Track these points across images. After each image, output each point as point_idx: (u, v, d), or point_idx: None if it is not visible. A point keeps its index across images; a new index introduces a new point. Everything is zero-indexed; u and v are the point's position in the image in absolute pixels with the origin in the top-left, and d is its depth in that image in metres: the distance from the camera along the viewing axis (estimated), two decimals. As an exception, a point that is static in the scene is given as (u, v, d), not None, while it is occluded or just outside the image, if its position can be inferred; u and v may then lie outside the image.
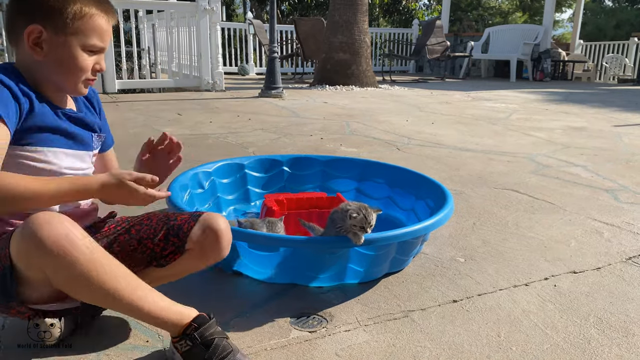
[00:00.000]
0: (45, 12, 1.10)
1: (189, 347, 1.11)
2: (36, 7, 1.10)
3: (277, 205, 1.93)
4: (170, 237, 1.24)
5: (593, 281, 1.68)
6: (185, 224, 1.25)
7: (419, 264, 1.77)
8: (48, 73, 1.14)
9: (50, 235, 0.97)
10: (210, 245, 1.24)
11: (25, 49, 1.12)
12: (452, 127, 4.57)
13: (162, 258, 1.25)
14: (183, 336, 1.12)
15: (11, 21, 1.13)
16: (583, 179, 2.93)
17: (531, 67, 11.14)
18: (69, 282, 1.03)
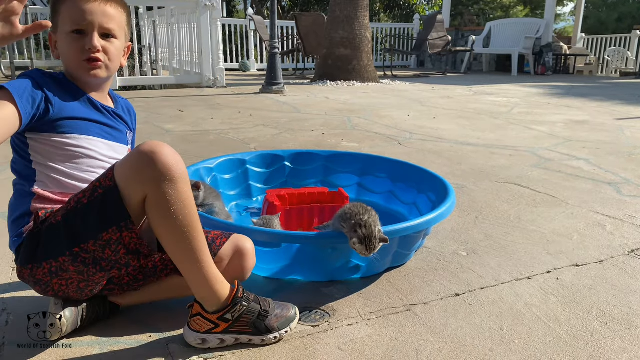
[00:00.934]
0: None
1: (245, 307, 1.22)
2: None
3: (278, 200, 1.93)
4: None
5: (596, 274, 1.67)
6: (217, 239, 1.34)
7: (421, 258, 1.77)
8: (66, 67, 1.29)
9: (174, 156, 1.10)
10: (236, 265, 1.34)
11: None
12: (453, 121, 4.56)
13: None
14: (237, 300, 1.21)
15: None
16: (585, 172, 2.93)
17: (533, 61, 11.11)
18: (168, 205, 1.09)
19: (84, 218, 1.11)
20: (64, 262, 1.15)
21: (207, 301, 1.20)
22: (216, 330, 1.21)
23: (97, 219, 1.10)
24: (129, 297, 1.37)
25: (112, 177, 1.10)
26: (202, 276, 1.17)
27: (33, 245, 1.17)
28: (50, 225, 1.15)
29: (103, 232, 1.10)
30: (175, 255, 1.16)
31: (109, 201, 1.09)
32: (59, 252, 1.14)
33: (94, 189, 1.12)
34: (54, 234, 1.14)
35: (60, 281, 1.19)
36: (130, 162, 1.10)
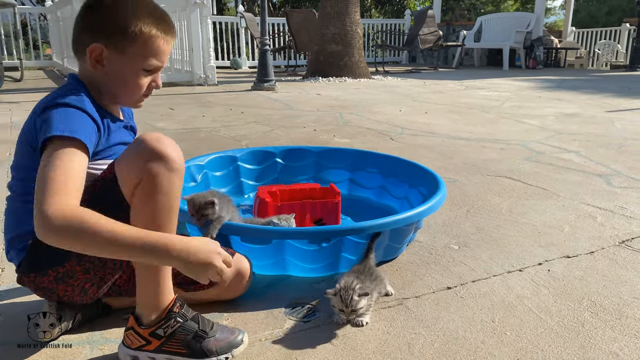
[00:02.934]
0: (109, 32, 1.13)
1: (179, 323, 1.13)
2: (100, 26, 1.13)
3: (270, 197, 1.92)
4: None
5: (586, 265, 1.68)
6: None
7: (412, 252, 1.77)
8: (108, 87, 1.18)
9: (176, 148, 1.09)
10: (236, 285, 1.37)
11: (86, 66, 1.16)
12: (445, 116, 4.57)
13: (192, 285, 1.32)
14: (171, 315, 1.13)
15: (77, 35, 1.17)
16: (576, 164, 2.94)
17: (524, 55, 11.14)
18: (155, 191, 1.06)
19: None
20: (71, 266, 1.13)
21: (146, 310, 1.12)
22: (147, 348, 1.12)
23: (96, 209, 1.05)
24: (121, 299, 1.36)
25: (111, 168, 1.10)
26: (155, 281, 1.12)
27: (35, 253, 1.13)
28: None
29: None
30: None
31: (107, 189, 1.08)
32: (65, 256, 1.11)
33: (94, 184, 1.10)
34: None
35: (66, 287, 1.17)
36: (131, 149, 1.09)
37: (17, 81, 7.31)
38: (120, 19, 1.13)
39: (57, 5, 7.77)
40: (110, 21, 1.13)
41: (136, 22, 1.13)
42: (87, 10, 1.16)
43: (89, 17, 1.15)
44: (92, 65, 1.14)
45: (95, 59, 1.14)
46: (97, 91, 1.18)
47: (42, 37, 11.27)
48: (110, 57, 1.14)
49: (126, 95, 1.21)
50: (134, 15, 1.13)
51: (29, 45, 10.40)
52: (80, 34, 1.16)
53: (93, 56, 1.13)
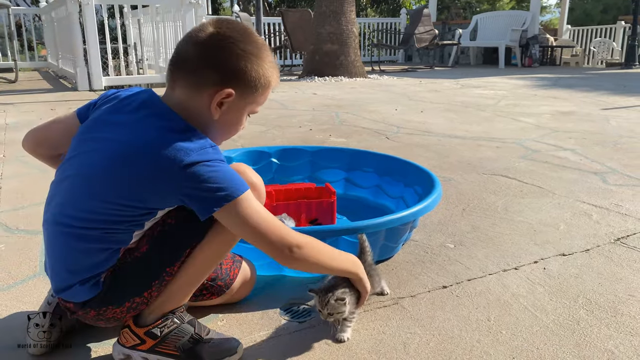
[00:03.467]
0: (245, 82, 1.07)
1: (176, 325, 1.13)
2: (233, 71, 1.05)
3: (265, 197, 1.92)
4: (218, 281, 1.33)
5: (582, 263, 1.68)
6: (231, 270, 1.36)
7: (408, 251, 1.77)
8: (210, 128, 1.09)
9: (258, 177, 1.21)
10: (241, 291, 1.40)
11: (201, 102, 1.06)
12: (441, 114, 4.57)
13: (200, 295, 1.32)
14: (168, 315, 1.13)
15: (200, 67, 1.05)
16: (572, 162, 2.94)
17: (519, 54, 11.16)
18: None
19: (173, 239, 1.07)
20: (150, 293, 1.10)
21: (146, 310, 1.13)
22: (141, 348, 1.12)
23: (186, 236, 1.08)
24: None
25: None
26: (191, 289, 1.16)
27: (114, 287, 1.07)
28: (134, 260, 1.07)
29: (188, 248, 1.08)
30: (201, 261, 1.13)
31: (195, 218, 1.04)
32: (145, 285, 1.08)
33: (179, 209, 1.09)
34: (139, 269, 1.07)
35: (134, 313, 1.13)
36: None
37: (12, 82, 7.29)
38: (254, 68, 1.07)
39: (51, 6, 7.74)
40: (244, 70, 1.06)
41: (265, 73, 1.09)
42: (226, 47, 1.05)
43: (229, 56, 1.05)
44: (213, 107, 1.06)
45: (221, 102, 1.06)
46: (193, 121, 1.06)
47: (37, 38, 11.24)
48: (232, 104, 1.08)
49: (225, 137, 1.16)
50: (264, 64, 1.09)
51: (24, 47, 10.36)
52: (206, 68, 1.05)
53: (220, 99, 1.05)
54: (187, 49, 1.06)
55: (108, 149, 1.02)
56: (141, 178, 0.99)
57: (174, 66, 1.08)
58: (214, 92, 1.05)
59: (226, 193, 0.99)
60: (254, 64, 1.06)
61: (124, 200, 1.01)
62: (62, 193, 1.08)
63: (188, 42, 1.07)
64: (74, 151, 1.09)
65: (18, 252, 1.75)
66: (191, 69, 1.05)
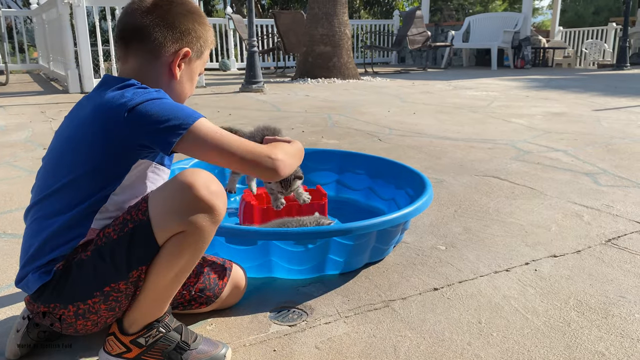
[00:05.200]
0: (195, 39, 1.16)
1: (162, 334, 1.11)
2: (190, 32, 1.15)
3: (255, 199, 1.90)
4: (206, 292, 1.31)
5: (573, 264, 1.68)
6: (219, 279, 1.34)
7: (399, 253, 1.76)
8: (168, 90, 1.14)
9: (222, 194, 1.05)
10: (232, 298, 1.38)
11: (164, 64, 1.13)
12: (433, 116, 4.57)
13: (190, 305, 1.31)
14: (153, 325, 1.11)
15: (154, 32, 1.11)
16: (564, 163, 2.95)
17: (512, 55, 11.21)
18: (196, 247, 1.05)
19: (112, 256, 1.03)
20: (94, 303, 1.05)
21: (132, 318, 1.10)
22: (127, 356, 1.10)
23: (126, 258, 1.02)
24: None
25: (146, 210, 1.02)
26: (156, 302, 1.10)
27: (63, 283, 1.04)
28: (79, 262, 1.04)
29: (132, 270, 1.03)
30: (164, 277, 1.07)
31: (140, 238, 1.02)
32: (88, 293, 1.04)
33: (124, 223, 1.04)
34: (82, 273, 1.04)
35: (86, 322, 1.08)
36: (172, 196, 1.02)
37: (2, 85, 7.23)
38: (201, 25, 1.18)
39: (42, 8, 7.69)
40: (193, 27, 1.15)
41: (209, 31, 1.21)
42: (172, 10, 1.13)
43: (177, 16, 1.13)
44: (174, 67, 1.14)
45: (178, 65, 1.14)
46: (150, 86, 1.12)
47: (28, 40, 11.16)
48: (189, 63, 1.17)
49: (184, 97, 1.21)
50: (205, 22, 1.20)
51: (15, 49, 10.29)
52: (162, 31, 1.11)
53: (180, 58, 1.14)
54: (135, 20, 1.12)
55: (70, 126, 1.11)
56: (97, 139, 1.03)
57: (123, 39, 1.13)
58: (173, 53, 1.13)
59: (180, 122, 1.01)
60: (198, 23, 1.17)
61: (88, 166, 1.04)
62: (38, 177, 1.14)
63: (133, 13, 1.12)
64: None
65: (3, 257, 1.73)
66: (146, 36, 1.11)
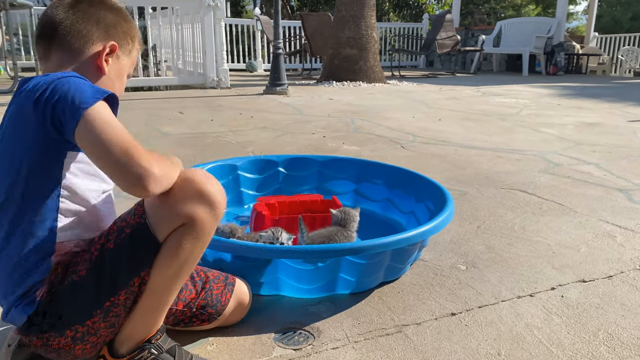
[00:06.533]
0: (122, 34, 1.13)
1: (153, 355, 1.06)
2: (116, 26, 1.12)
3: (267, 209, 1.83)
4: (208, 309, 1.25)
5: (604, 291, 1.56)
6: (222, 295, 1.27)
7: (416, 272, 1.67)
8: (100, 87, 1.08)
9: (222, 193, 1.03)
10: (235, 315, 1.31)
11: (89, 59, 1.08)
12: (459, 123, 4.44)
13: (191, 322, 1.25)
14: (144, 346, 1.05)
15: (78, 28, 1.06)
16: (595, 177, 2.80)
17: (544, 61, 10.92)
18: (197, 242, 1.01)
19: (112, 266, 0.98)
20: (94, 323, 1.00)
21: (123, 339, 1.05)
22: None
23: (128, 265, 0.98)
24: None
25: (143, 214, 0.99)
26: (151, 317, 1.05)
27: (53, 310, 0.99)
28: (72, 284, 0.98)
29: (135, 277, 0.99)
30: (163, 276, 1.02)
31: (140, 241, 0.98)
32: (87, 314, 0.99)
33: (120, 231, 0.99)
34: (79, 294, 0.98)
35: (85, 345, 1.02)
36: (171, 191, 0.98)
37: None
38: (126, 22, 1.15)
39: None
40: (118, 23, 1.12)
41: (137, 32, 1.18)
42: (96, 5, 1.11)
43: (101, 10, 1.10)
44: (102, 62, 1.09)
45: (105, 59, 1.09)
46: None
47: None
48: (116, 59, 1.12)
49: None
50: (134, 25, 1.19)
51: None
52: (87, 26, 1.07)
53: (105, 53, 1.08)
54: (56, 17, 1.06)
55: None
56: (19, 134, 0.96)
57: (45, 38, 1.07)
58: (99, 47, 1.08)
59: (77, 103, 0.90)
60: (124, 19, 1.14)
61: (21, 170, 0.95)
62: None
63: (56, 10, 1.07)
64: None
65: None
66: (69, 31, 1.06)
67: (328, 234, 1.58)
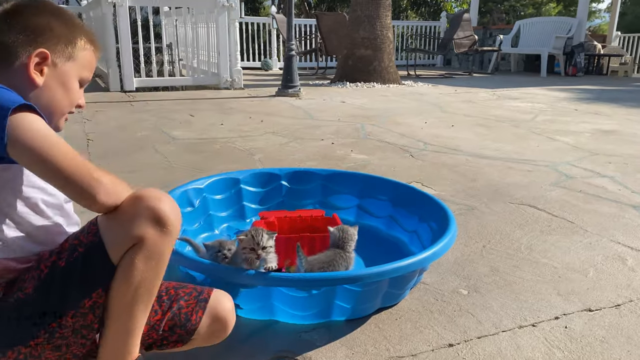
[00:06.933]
0: (55, 38, 1.03)
1: None
2: (45, 31, 1.03)
3: (266, 227, 1.80)
4: (177, 329, 1.15)
5: (610, 322, 1.50)
6: (192, 313, 1.16)
7: (417, 297, 1.63)
8: (38, 101, 1.01)
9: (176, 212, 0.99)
10: (216, 334, 1.18)
11: (19, 72, 1.00)
12: (472, 130, 4.36)
13: (165, 345, 1.17)
14: None
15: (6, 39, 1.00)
16: (609, 192, 2.72)
17: (563, 62, 10.71)
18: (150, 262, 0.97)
19: (62, 285, 0.94)
20: (37, 344, 0.96)
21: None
22: None
23: (79, 284, 0.95)
24: None
25: (97, 232, 0.96)
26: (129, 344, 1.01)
27: None
28: (18, 302, 0.94)
29: (86, 298, 0.95)
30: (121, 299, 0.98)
31: (94, 260, 0.95)
32: (29, 334, 0.95)
33: (72, 249, 0.96)
34: (23, 313, 0.94)
35: None
36: (122, 209, 0.96)
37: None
38: (63, 26, 1.05)
39: (89, 5, 7.87)
40: (52, 28, 1.03)
41: (75, 32, 1.07)
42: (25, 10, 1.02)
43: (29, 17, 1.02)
44: (32, 72, 1.00)
45: (37, 69, 1.00)
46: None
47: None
48: (53, 67, 1.03)
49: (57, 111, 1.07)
50: (72, 23, 1.08)
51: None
52: (14, 37, 0.99)
53: (35, 63, 1.00)
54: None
55: None
56: None
57: None
58: (27, 57, 0.99)
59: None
60: (58, 21, 1.05)
61: None
62: None
63: None
64: None
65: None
66: None
67: (327, 260, 1.55)
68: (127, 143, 3.54)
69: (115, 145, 3.49)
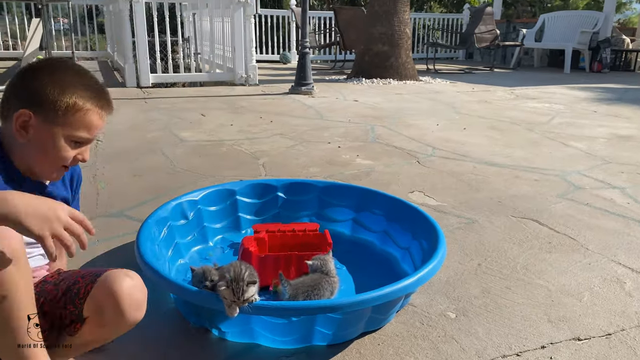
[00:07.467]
0: (38, 101, 1.12)
1: None
2: (31, 93, 1.13)
3: (255, 245, 1.81)
4: (68, 305, 1.12)
5: (597, 353, 1.47)
6: (82, 288, 1.11)
7: (402, 320, 1.62)
8: (26, 155, 1.16)
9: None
10: (109, 312, 1.08)
11: (9, 130, 1.14)
12: (484, 133, 4.29)
13: (67, 327, 1.14)
14: None
15: (7, 98, 1.16)
16: (617, 206, 2.65)
17: (588, 58, 10.44)
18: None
19: None
20: None
21: None
22: None
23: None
24: None
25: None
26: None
27: None
28: None
29: None
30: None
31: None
32: None
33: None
34: None
35: None
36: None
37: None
38: (55, 89, 1.12)
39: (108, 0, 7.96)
40: (43, 91, 1.12)
41: (71, 95, 1.13)
42: (23, 76, 1.16)
43: (22, 83, 1.15)
44: (17, 130, 1.12)
45: (21, 124, 1.12)
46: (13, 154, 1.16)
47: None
48: (36, 127, 1.13)
49: (43, 167, 1.18)
50: (70, 86, 1.14)
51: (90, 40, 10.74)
52: (10, 97, 1.15)
53: (19, 121, 1.12)
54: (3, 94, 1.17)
55: None
56: None
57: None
58: (14, 116, 1.12)
59: None
60: (54, 87, 1.12)
61: None
62: None
63: None
64: None
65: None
66: (3, 103, 1.16)
67: (312, 283, 1.55)
68: (136, 144, 3.58)
69: (124, 146, 3.53)
